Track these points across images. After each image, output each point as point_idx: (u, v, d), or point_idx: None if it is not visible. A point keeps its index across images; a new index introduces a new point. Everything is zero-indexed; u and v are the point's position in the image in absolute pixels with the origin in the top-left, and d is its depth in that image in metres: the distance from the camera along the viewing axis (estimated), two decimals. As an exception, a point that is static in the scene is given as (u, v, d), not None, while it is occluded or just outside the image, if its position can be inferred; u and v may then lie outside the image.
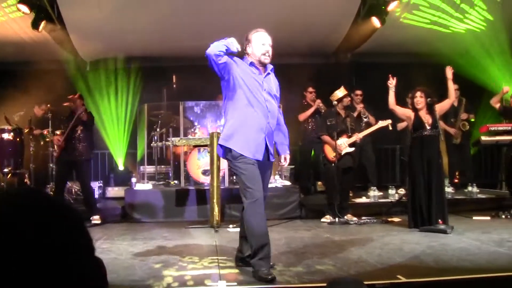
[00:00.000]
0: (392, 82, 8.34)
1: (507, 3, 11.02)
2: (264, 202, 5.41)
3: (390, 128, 9.74)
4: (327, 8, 11.02)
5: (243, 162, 5.27)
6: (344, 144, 9.09)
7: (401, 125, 10.78)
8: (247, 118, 5.31)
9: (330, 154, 9.17)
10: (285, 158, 5.84)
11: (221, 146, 5.48)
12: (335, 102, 9.14)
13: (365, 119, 11.00)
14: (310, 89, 11.42)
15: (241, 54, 5.51)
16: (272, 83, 5.58)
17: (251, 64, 5.45)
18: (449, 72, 8.32)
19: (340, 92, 9.23)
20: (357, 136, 9.21)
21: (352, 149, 9.22)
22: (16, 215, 1.20)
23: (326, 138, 9.22)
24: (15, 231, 1.18)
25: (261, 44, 5.46)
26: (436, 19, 11.47)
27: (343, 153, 9.09)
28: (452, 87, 8.40)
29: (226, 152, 5.42)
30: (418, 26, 11.62)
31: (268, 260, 5.26)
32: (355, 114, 11.02)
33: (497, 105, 10.30)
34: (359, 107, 11.31)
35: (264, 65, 5.51)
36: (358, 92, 11.50)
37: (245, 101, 5.32)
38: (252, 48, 5.49)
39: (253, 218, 5.21)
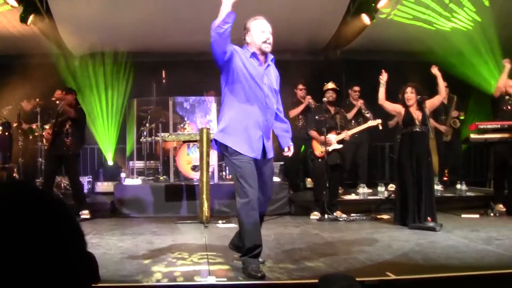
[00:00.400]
0: (383, 77, 8.35)
1: (496, 4, 11.03)
2: (268, 202, 5.40)
3: (380, 127, 9.78)
4: (316, 5, 11.02)
5: (239, 159, 5.15)
6: (332, 140, 9.09)
7: (392, 123, 10.81)
8: (245, 114, 5.19)
9: (318, 150, 9.18)
10: (289, 148, 5.70)
11: (216, 141, 5.37)
12: (325, 99, 9.14)
13: (367, 115, 10.95)
14: (301, 86, 11.40)
15: (241, 43, 5.36)
16: (273, 75, 5.44)
17: (252, 55, 5.26)
18: (434, 70, 8.34)
19: (331, 84, 9.28)
20: (346, 134, 9.21)
21: (340, 146, 9.21)
22: (5, 209, 1.19)
23: (314, 133, 9.22)
24: (4, 225, 1.17)
25: (260, 31, 5.27)
26: (426, 17, 11.49)
27: (330, 149, 9.08)
28: (442, 83, 8.42)
29: (222, 147, 5.31)
30: (408, 23, 11.63)
31: (258, 258, 5.25)
32: (354, 110, 11.06)
33: (500, 89, 10.01)
34: (359, 103, 11.30)
35: (264, 55, 5.34)
36: (356, 88, 11.49)
37: (244, 96, 5.18)
38: (251, 37, 5.30)
39: (246, 218, 5.12)
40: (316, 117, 9.32)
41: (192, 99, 11.66)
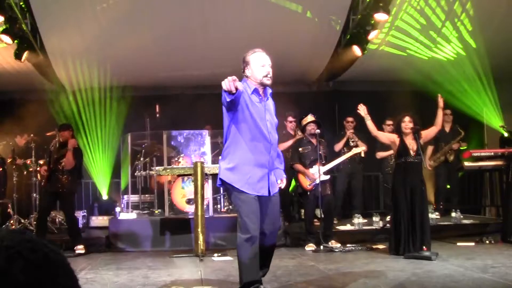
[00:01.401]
0: (362, 111, 8.32)
1: (487, 37, 11.13)
2: (277, 232, 5.39)
3: (363, 155, 9.79)
4: (308, 37, 11.14)
5: (244, 195, 5.13)
6: (318, 172, 9.06)
7: (380, 154, 10.85)
8: (251, 153, 5.16)
9: (305, 183, 9.18)
10: (281, 180, 5.63)
11: (221, 179, 5.31)
12: (319, 131, 9.13)
13: (351, 144, 10.90)
14: (290, 119, 11.39)
15: (240, 77, 5.25)
16: (271, 108, 5.46)
17: (254, 91, 5.21)
18: (440, 101, 8.35)
19: (310, 117, 9.28)
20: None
21: (327, 177, 9.21)
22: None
23: (299, 167, 9.21)
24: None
25: (260, 65, 5.22)
26: (415, 49, 11.62)
27: (317, 181, 9.06)
28: (441, 116, 8.39)
29: (227, 184, 5.26)
30: (399, 54, 11.75)
31: None
32: (343, 141, 11.07)
33: None
34: (348, 132, 11.32)
35: (264, 87, 5.31)
36: (350, 119, 11.47)
37: (249, 135, 5.14)
38: (251, 71, 5.25)
39: (245, 253, 5.07)
40: (300, 149, 9.33)
41: (186, 133, 11.69)
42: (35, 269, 1.19)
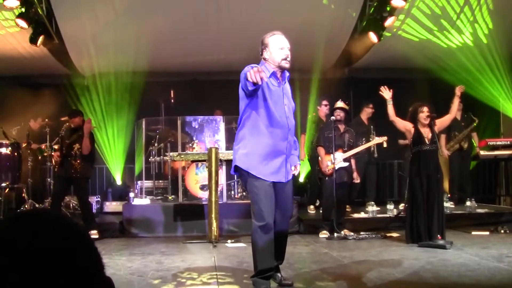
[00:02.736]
0: (386, 94, 8.26)
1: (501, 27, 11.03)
2: (289, 220, 5.38)
3: (385, 145, 9.73)
4: (324, 24, 11.06)
5: (259, 182, 5.03)
6: (338, 158, 9.03)
7: (401, 142, 10.76)
8: (268, 139, 5.05)
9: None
10: (295, 167, 5.48)
11: (236, 166, 5.18)
12: (333, 117, 9.08)
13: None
14: (325, 102, 11.28)
15: (258, 60, 5.21)
16: (289, 92, 5.35)
17: (272, 75, 5.10)
18: (458, 90, 8.26)
19: (339, 103, 9.23)
20: (357, 178, 9.42)
21: (346, 164, 9.15)
22: (28, 238, 1.19)
23: (321, 151, 9.18)
24: (28, 254, 1.16)
25: (279, 48, 5.12)
26: (432, 37, 11.53)
27: (337, 167, 9.02)
28: (456, 104, 8.32)
29: (242, 170, 5.13)
30: (415, 41, 11.65)
31: (269, 280, 5.17)
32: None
33: None
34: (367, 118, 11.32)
35: (282, 71, 5.21)
36: (371, 105, 11.41)
37: (267, 121, 5.04)
38: (270, 53, 5.16)
39: (260, 241, 5.01)
40: (325, 133, 9.28)
41: (200, 119, 11.67)
42: (60, 238, 1.20)
